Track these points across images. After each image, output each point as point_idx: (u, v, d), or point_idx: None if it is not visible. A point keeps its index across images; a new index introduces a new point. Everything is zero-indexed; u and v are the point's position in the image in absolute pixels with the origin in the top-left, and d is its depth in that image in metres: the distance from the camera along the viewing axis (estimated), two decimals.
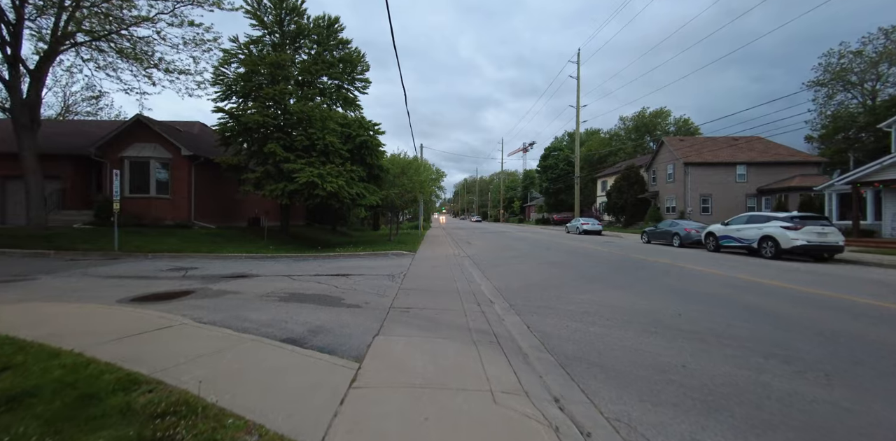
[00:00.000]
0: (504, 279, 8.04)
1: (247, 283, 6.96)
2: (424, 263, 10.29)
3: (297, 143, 14.75)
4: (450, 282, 7.51)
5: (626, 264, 10.38)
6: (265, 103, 14.87)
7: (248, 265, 9.61)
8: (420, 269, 9.15)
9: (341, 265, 9.78)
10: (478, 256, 12.48)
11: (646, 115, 50.48)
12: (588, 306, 5.60)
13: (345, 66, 17.31)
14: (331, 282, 7.22)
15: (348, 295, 6.03)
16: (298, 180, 13.60)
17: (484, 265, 10.26)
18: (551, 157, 51.60)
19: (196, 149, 16.42)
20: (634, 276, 8.44)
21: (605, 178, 42.52)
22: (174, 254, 10.71)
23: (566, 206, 51.23)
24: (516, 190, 77.51)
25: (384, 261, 10.90)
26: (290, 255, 11.44)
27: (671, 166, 30.24)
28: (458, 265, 10.22)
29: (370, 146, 15.79)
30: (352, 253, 12.19)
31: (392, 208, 19.22)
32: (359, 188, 15.31)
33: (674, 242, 16.47)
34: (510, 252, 13.90)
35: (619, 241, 20.48)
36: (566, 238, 22.41)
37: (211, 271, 8.52)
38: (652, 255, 12.97)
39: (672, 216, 29.90)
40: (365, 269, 9.15)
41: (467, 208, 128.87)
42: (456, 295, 6.29)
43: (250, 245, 13.39)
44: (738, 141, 28.79)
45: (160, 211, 15.27)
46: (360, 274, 8.26)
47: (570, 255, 12.51)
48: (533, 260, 11.36)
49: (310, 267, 9.41)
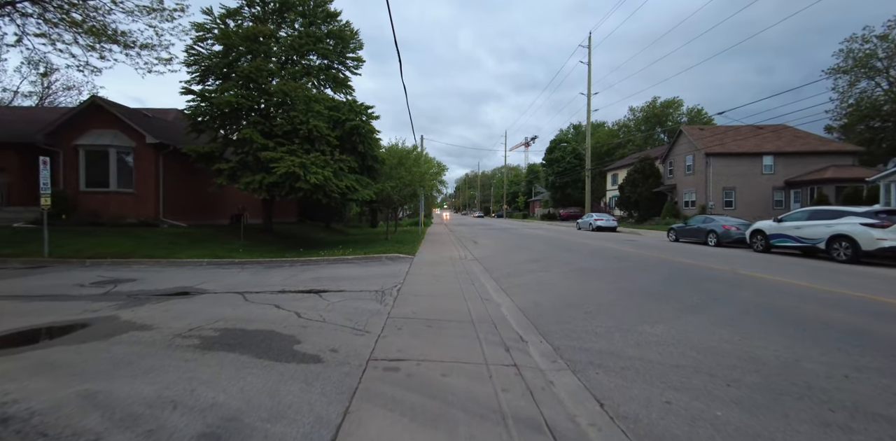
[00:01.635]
0: (530, 295, 6.08)
1: (177, 307, 5.01)
2: (425, 271, 8.33)
3: (277, 129, 12.76)
4: (458, 301, 5.56)
5: (676, 272, 8.39)
6: (240, 83, 12.85)
7: (204, 275, 7.66)
8: (419, 280, 7.19)
9: (320, 274, 7.83)
10: (488, 260, 10.52)
11: (656, 105, 48.17)
12: (675, 349, 3.65)
13: (336, 43, 15.24)
14: (295, 304, 5.27)
15: (310, 332, 4.08)
16: (277, 171, 11.62)
17: (498, 273, 8.30)
18: (557, 149, 49.42)
19: (166, 137, 14.43)
20: (699, 290, 6.47)
21: (615, 171, 40.40)
22: (119, 260, 8.77)
23: (573, 200, 49.17)
24: (520, 185, 75.41)
25: (375, 267, 8.94)
26: (264, 260, 9.50)
27: (690, 157, 28.13)
28: (466, 272, 8.26)
29: (362, 132, 13.77)
30: (338, 257, 10.24)
31: (389, 204, 17.24)
32: (349, 181, 13.32)
33: (709, 241, 14.46)
34: (525, 254, 11.93)
35: (642, 239, 18.48)
36: (581, 236, 20.42)
37: (148, 285, 6.57)
38: (694, 257, 10.98)
39: (691, 211, 27.85)
40: (349, 280, 7.19)
41: (469, 204, 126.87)
42: (469, 327, 4.34)
43: (221, 247, 11.44)
44: (763, 129, 26.62)
45: (122, 207, 13.32)
46: (340, 289, 6.30)
47: (600, 259, 10.53)
48: (557, 265, 9.39)
49: (279, 278, 7.46)
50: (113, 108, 13.41)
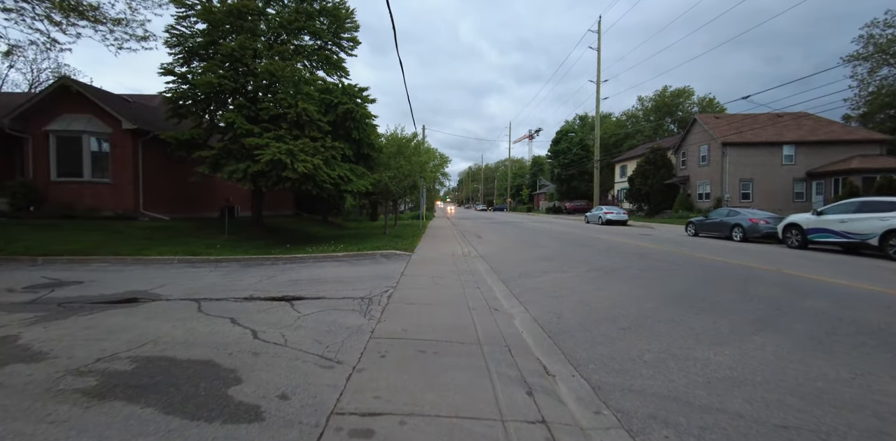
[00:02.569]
0: (547, 302, 5.02)
1: (106, 323, 3.98)
2: (422, 271, 7.27)
3: (263, 113, 11.63)
4: (461, 312, 4.50)
5: (712, 272, 7.29)
6: (224, 63, 11.71)
7: (167, 276, 6.64)
8: (415, 283, 6.13)
9: (301, 276, 6.78)
10: (494, 257, 9.45)
11: (666, 94, 46.46)
12: (765, 393, 2.55)
13: (330, 22, 14.00)
14: (257, 318, 4.22)
15: (261, 363, 3.02)
16: (261, 159, 10.54)
17: (507, 273, 7.22)
18: (563, 140, 47.95)
19: (148, 123, 13.35)
20: (752, 296, 5.37)
21: (624, 162, 39.02)
22: (78, 257, 7.77)
23: (579, 193, 47.87)
24: (524, 177, 73.98)
25: (367, 267, 7.89)
26: (243, 258, 8.47)
27: (705, 147, 26.76)
28: (470, 273, 7.21)
29: (356, 117, 12.62)
30: (327, 254, 9.20)
31: (387, 196, 16.15)
32: (342, 170, 12.22)
33: (734, 236, 13.30)
34: (535, 250, 10.85)
35: (657, 233, 17.33)
36: (591, 230, 19.28)
37: (93, 290, 5.55)
38: (724, 254, 9.86)
39: (706, 204, 26.59)
40: (332, 283, 6.14)
41: (472, 197, 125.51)
42: (476, 353, 3.29)
43: (200, 242, 10.42)
44: (782, 118, 25.18)
45: (97, 199, 12.31)
46: (319, 296, 5.25)
47: (619, 256, 9.43)
48: (572, 264, 8.30)
49: (253, 280, 6.42)
50: (86, 90, 12.29)
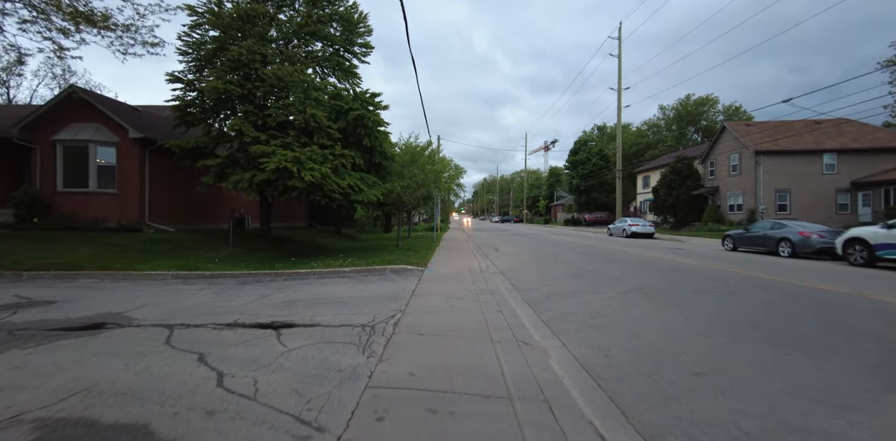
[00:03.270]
0: (588, 334, 4.06)
1: (43, 360, 3.24)
2: (436, 290, 6.40)
3: (270, 120, 11.16)
4: (482, 347, 3.59)
5: (779, 297, 6.17)
6: (231, 68, 11.34)
7: (152, 294, 5.95)
8: (427, 306, 5.26)
9: (298, 296, 6.00)
10: (516, 273, 8.50)
11: (689, 102, 45.05)
12: None
13: (342, 28, 13.64)
14: (232, 353, 3.42)
15: (211, 432, 2.19)
16: (266, 167, 9.97)
17: (533, 293, 6.28)
18: (582, 150, 46.83)
19: (156, 132, 13.07)
20: (847, 330, 4.29)
21: (646, 172, 37.60)
22: (65, 272, 7.20)
23: (599, 205, 46.41)
24: (541, 188, 72.77)
25: (374, 284, 7.06)
26: (241, 273, 7.77)
27: (736, 156, 25.33)
28: (490, 292, 6.30)
29: (368, 124, 12.02)
30: (333, 269, 8.43)
31: (400, 206, 15.44)
32: (352, 179, 11.58)
33: (781, 251, 11.99)
34: (560, 266, 9.85)
35: (689, 247, 16.05)
36: (616, 243, 18.09)
37: (61, 312, 4.88)
38: (779, 272, 8.66)
39: (737, 216, 25.00)
40: (332, 305, 5.33)
41: (487, 208, 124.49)
42: (505, 409, 2.38)
43: (201, 256, 9.83)
44: (821, 125, 23.66)
45: (103, 209, 11.94)
46: (313, 323, 4.43)
47: (657, 274, 8.36)
48: (605, 282, 7.29)
49: (244, 299, 5.66)
50: (94, 99, 12.11)
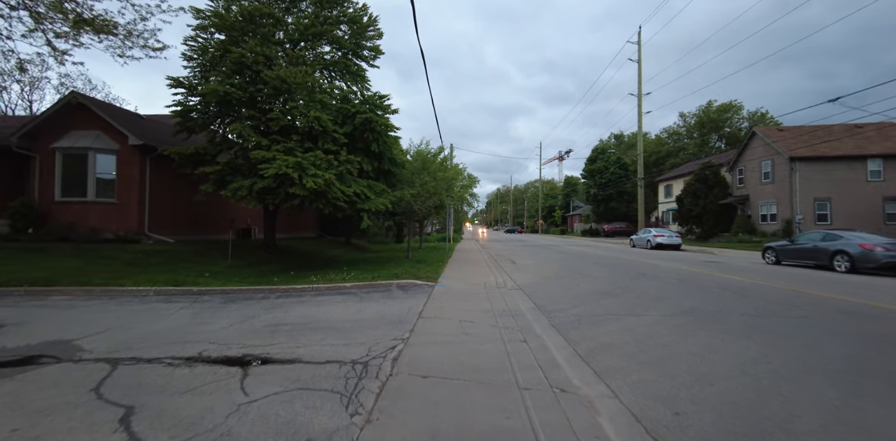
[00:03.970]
0: (643, 378, 3.03)
1: None
2: (447, 311, 5.45)
3: (273, 125, 10.56)
4: (507, 397, 2.60)
5: (870, 325, 5.00)
6: (234, 70, 10.84)
7: (123, 315, 5.18)
8: (435, 335, 4.32)
9: (286, 318, 5.13)
10: (538, 291, 7.47)
11: (712, 109, 43.53)
12: None
13: (352, 30, 13.12)
14: (168, 410, 2.55)
15: None
16: (266, 173, 9.30)
17: (561, 316, 5.26)
18: (600, 159, 45.55)
19: (157, 139, 12.64)
20: None
21: (668, 181, 36.09)
22: (38, 288, 6.53)
23: (618, 215, 44.81)
24: (556, 198, 71.31)
25: (376, 303, 6.16)
26: (231, 289, 6.98)
27: (767, 163, 23.82)
28: (511, 314, 5.33)
29: (376, 128, 11.32)
30: (333, 284, 7.57)
31: (411, 216, 14.62)
32: (359, 186, 10.83)
33: (837, 266, 10.64)
34: (587, 282, 8.77)
35: (725, 260, 14.70)
36: (642, 255, 16.83)
37: (3, 339, 4.13)
38: (848, 292, 7.41)
39: (771, 226, 23.36)
40: (321, 331, 4.43)
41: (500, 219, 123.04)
42: None
43: (194, 269, 9.12)
44: (862, 129, 22.08)
45: (101, 220, 11.45)
46: (292, 358, 3.54)
47: (704, 293, 7.23)
48: (646, 302, 6.21)
49: (221, 323, 4.83)
50: (95, 105, 11.76)
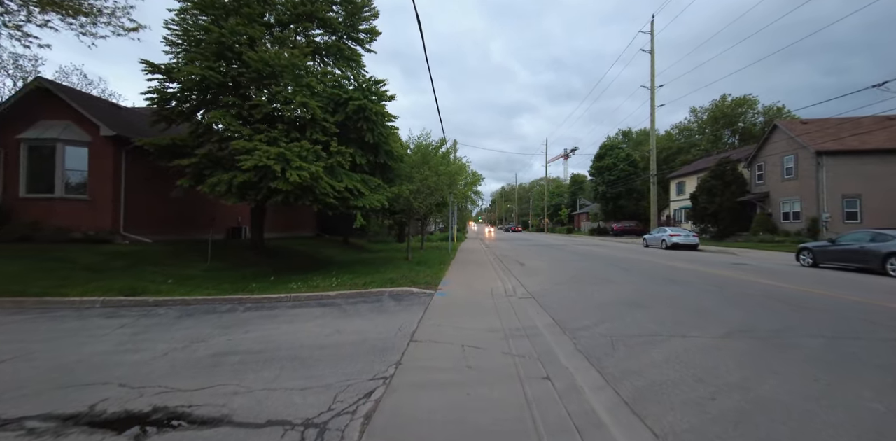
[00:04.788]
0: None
1: None
2: (446, 331, 4.35)
3: (256, 112, 9.49)
4: None
5: None
6: (213, 52, 9.79)
7: (38, 337, 4.15)
8: (428, 373, 3.21)
9: (240, 342, 4.06)
10: (553, 299, 6.34)
11: (725, 104, 42.01)
12: None
13: (346, 10, 12.01)
14: None
15: None
16: (244, 165, 8.24)
17: (588, 337, 4.14)
18: (608, 155, 44.20)
19: (134, 130, 11.63)
20: None
21: (681, 178, 34.70)
22: None
23: (627, 213, 43.48)
24: (562, 196, 69.95)
25: (360, 320, 5.08)
26: (195, 300, 5.93)
27: (790, 158, 22.46)
28: (525, 335, 4.23)
29: (370, 117, 10.22)
30: (316, 292, 6.50)
31: (410, 214, 13.53)
32: (351, 181, 9.76)
33: (890, 270, 9.42)
34: (608, 289, 7.63)
35: (753, 262, 13.47)
36: (658, 256, 15.64)
37: None
38: None
39: (794, 225, 22.01)
40: (275, 368, 3.35)
41: (505, 217, 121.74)
42: None
43: (166, 273, 8.10)
44: (894, 121, 20.68)
45: (71, 218, 10.48)
46: (218, 417, 2.44)
47: (750, 304, 6.07)
48: (685, 318, 5.07)
49: (159, 349, 3.77)
50: (63, 92, 10.79)
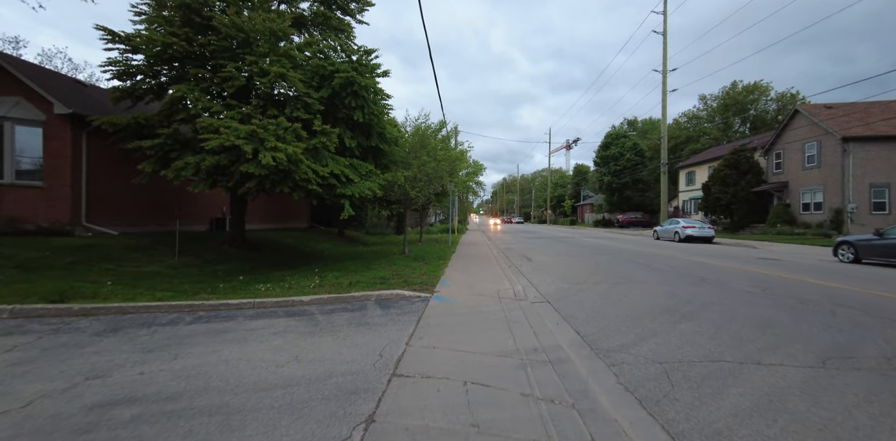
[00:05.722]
0: None
1: None
2: (441, 359, 3.21)
3: (227, 86, 8.23)
4: None
5: None
6: (179, 18, 8.51)
7: None
8: (418, 430, 2.09)
9: (152, 382, 2.94)
10: (573, 306, 5.20)
11: (736, 90, 40.35)
12: None
13: None
14: None
15: None
16: (207, 145, 7.05)
17: (634, 369, 2.99)
18: (614, 145, 42.72)
19: (97, 109, 10.38)
20: None
21: (691, 168, 33.34)
22: None
23: (633, 204, 42.23)
24: (566, 187, 68.56)
25: (329, 341, 3.94)
26: (133, 307, 4.81)
27: (813, 145, 21.13)
28: (547, 360, 3.06)
29: (360, 93, 8.96)
30: (287, 298, 5.37)
31: (407, 203, 12.34)
32: (338, 166, 8.56)
33: None
34: (634, 291, 6.50)
35: (781, 257, 12.31)
36: (674, 249, 14.49)
37: None
38: None
39: (815, 217, 20.81)
40: (182, 430, 2.23)
41: (507, 209, 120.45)
42: None
43: (114, 272, 6.99)
44: None
45: (22, 207, 9.33)
46: None
47: (824, 317, 4.92)
48: (750, 335, 3.94)
49: (31, 389, 2.64)
50: (12, 64, 9.51)
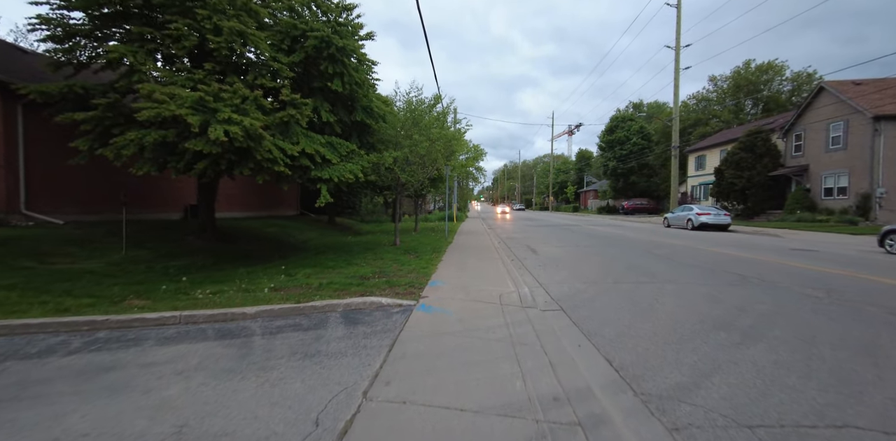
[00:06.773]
0: None
1: None
2: (416, 434, 2.03)
3: (176, 48, 6.84)
4: None
5: None
6: None
7: None
8: None
9: None
10: (592, 315, 3.98)
11: (750, 69, 38.35)
12: None
13: None
14: None
15: None
16: (140, 116, 5.73)
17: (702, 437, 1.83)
18: (619, 128, 41.02)
19: (31, 78, 8.94)
20: None
21: (701, 152, 31.81)
22: None
23: (638, 190, 40.84)
24: (568, 173, 66.96)
25: (249, 389, 2.72)
26: (13, 325, 3.62)
27: (840, 125, 19.65)
28: (582, 431, 1.84)
29: (337, 57, 7.55)
30: (226, 309, 4.16)
31: (398, 189, 11.05)
32: (311, 144, 7.24)
33: None
34: (666, 294, 5.29)
35: (813, 246, 11.08)
36: (689, 238, 13.28)
37: None
38: None
39: (839, 202, 19.49)
40: None
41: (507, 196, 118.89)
42: None
43: (32, 272, 5.79)
44: None
45: None
46: None
47: None
48: (855, 368, 2.76)
49: None
50: None
